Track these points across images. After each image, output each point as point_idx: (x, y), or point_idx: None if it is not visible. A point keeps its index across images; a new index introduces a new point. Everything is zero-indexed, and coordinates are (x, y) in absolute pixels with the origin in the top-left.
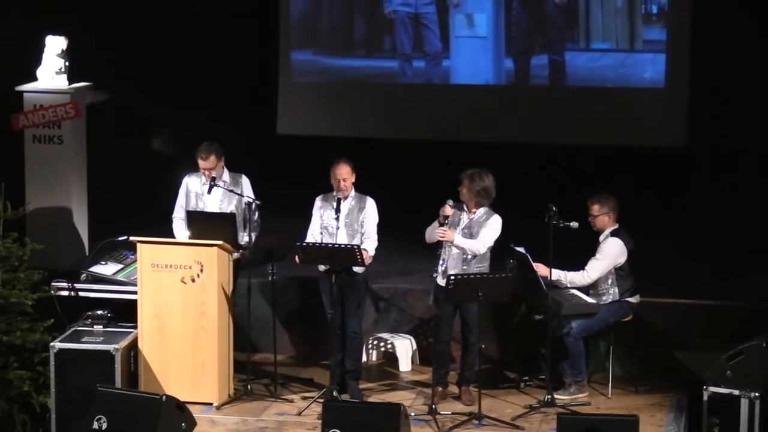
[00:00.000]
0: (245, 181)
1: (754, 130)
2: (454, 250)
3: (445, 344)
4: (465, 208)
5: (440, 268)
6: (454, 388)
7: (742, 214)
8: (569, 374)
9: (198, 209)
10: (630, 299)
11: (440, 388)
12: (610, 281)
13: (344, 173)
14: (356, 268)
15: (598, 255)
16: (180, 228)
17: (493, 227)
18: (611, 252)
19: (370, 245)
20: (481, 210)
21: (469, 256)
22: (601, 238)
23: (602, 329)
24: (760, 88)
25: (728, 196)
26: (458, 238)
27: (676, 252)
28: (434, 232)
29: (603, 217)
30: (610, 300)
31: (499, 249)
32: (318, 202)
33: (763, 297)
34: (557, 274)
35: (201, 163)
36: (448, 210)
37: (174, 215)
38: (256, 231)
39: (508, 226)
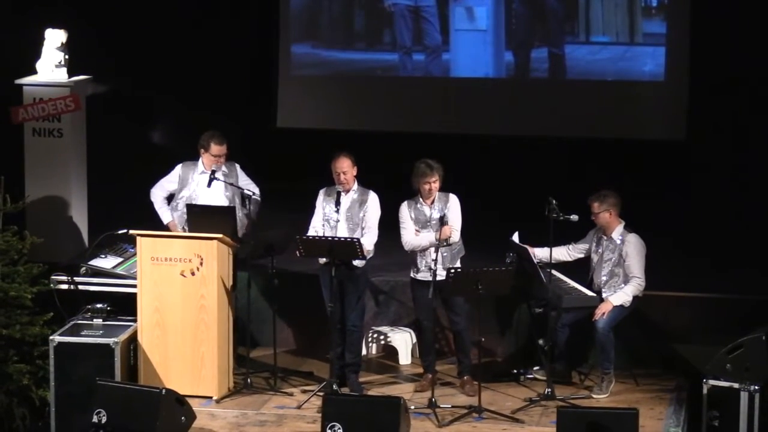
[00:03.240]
0: (239, 168)
1: (753, 123)
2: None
3: (428, 332)
4: (421, 201)
5: (419, 264)
6: (445, 376)
7: (742, 207)
8: (604, 368)
9: (201, 203)
10: (639, 295)
11: (430, 375)
12: (623, 278)
13: (344, 167)
14: (356, 262)
15: (630, 258)
16: (159, 196)
17: (458, 208)
18: (638, 247)
19: (368, 239)
20: (438, 194)
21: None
22: (615, 236)
23: (621, 320)
24: (759, 80)
25: (727, 189)
26: (432, 235)
27: (676, 245)
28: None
29: (604, 213)
30: None
31: (499, 243)
32: (321, 195)
33: (762, 290)
34: (620, 299)
35: (217, 149)
36: (447, 231)
37: (154, 189)
38: (252, 223)
39: (507, 219)
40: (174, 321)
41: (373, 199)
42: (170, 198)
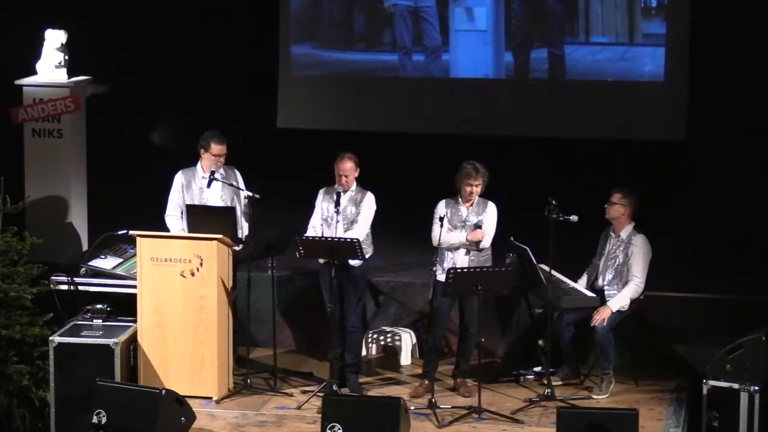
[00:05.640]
0: (238, 173)
1: (753, 124)
2: (461, 252)
3: (438, 340)
4: (460, 201)
5: (445, 265)
6: (445, 377)
7: (742, 208)
8: (603, 368)
9: (201, 203)
10: (640, 297)
11: (426, 382)
12: (625, 277)
13: (347, 169)
14: (352, 262)
15: (634, 258)
16: (175, 225)
17: (495, 217)
18: (643, 248)
19: (353, 232)
20: (477, 199)
21: (473, 255)
22: (624, 234)
23: (621, 320)
24: (759, 81)
25: (727, 189)
26: (463, 235)
27: (676, 245)
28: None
29: (620, 207)
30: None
31: (500, 243)
32: (320, 194)
33: (762, 290)
34: (618, 303)
35: (217, 148)
36: (479, 235)
37: (168, 213)
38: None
39: (508, 219)
40: (174, 321)
41: (369, 197)
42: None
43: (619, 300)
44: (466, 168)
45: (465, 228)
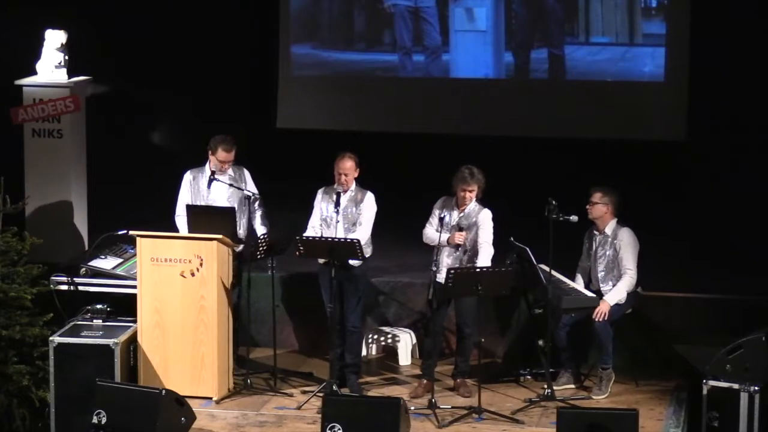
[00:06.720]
0: (247, 173)
1: (753, 124)
2: (454, 253)
3: (436, 338)
4: (455, 203)
5: (438, 267)
6: (448, 381)
7: (742, 208)
8: (602, 363)
9: (206, 204)
10: (638, 290)
11: (426, 382)
12: (618, 271)
13: (347, 168)
14: (352, 262)
15: (624, 251)
16: (186, 225)
17: (490, 223)
18: (630, 240)
19: (358, 234)
20: (471, 204)
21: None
22: (608, 230)
23: (619, 318)
24: (759, 81)
25: (727, 189)
26: (444, 236)
27: (676, 245)
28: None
29: (601, 206)
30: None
31: (499, 243)
32: (319, 194)
33: (762, 291)
34: (615, 297)
35: (224, 155)
36: (458, 238)
37: (178, 213)
38: (265, 225)
39: (507, 220)
40: (174, 322)
41: (369, 197)
42: None
43: (616, 294)
44: (463, 173)
45: (450, 232)
